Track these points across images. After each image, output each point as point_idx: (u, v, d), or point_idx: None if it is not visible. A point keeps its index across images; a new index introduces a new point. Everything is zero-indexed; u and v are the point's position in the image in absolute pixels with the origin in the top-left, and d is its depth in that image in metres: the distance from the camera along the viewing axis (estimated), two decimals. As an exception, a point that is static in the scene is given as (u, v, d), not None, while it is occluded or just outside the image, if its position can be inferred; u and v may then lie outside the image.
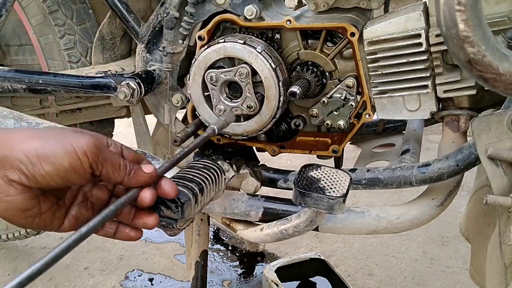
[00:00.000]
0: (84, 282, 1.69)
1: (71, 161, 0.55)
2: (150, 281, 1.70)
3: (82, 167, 0.56)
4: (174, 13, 1.02)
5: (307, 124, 1.06)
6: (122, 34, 1.22)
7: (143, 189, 0.62)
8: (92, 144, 0.56)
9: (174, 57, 1.07)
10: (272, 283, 1.41)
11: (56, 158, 0.54)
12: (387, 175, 0.96)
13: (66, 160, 0.55)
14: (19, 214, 0.56)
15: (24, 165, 0.54)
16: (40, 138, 0.56)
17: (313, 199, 0.77)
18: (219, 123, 0.82)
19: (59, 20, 1.32)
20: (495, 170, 0.78)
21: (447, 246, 1.81)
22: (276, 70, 0.93)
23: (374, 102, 0.95)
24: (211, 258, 1.80)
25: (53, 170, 0.54)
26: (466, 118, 0.94)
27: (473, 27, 0.55)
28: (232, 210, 1.06)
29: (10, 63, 1.42)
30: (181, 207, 0.70)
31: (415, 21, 0.87)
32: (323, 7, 0.98)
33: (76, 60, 1.35)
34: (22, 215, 0.56)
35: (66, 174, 0.55)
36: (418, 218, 0.98)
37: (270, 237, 1.00)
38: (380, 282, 1.64)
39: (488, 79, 0.58)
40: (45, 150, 0.54)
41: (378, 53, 0.91)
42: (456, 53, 0.59)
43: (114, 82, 1.07)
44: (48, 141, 0.55)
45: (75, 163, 0.55)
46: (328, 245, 1.84)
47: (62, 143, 0.55)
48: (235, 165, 1.05)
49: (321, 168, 0.83)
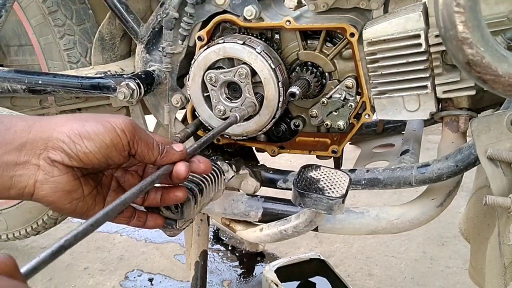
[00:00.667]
0: (84, 282, 1.70)
1: (112, 137, 0.57)
2: (150, 281, 1.70)
3: (122, 143, 0.58)
4: (173, 14, 1.02)
5: (306, 125, 1.06)
6: (122, 34, 1.22)
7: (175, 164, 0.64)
8: (129, 123, 0.59)
9: (174, 57, 1.07)
10: (272, 283, 1.41)
11: (98, 136, 0.57)
12: (387, 175, 0.96)
13: (108, 137, 0.57)
14: (65, 197, 0.58)
15: (66, 144, 0.56)
16: (79, 120, 0.58)
17: (312, 199, 0.77)
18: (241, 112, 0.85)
19: (58, 21, 1.32)
20: (494, 171, 0.78)
21: (447, 246, 1.81)
22: (275, 70, 0.93)
23: (374, 102, 0.95)
24: (211, 258, 1.80)
25: (96, 147, 0.57)
26: (466, 118, 0.94)
27: (472, 29, 0.55)
28: (231, 211, 1.06)
29: (10, 64, 1.42)
30: (181, 207, 0.70)
31: (415, 22, 0.87)
32: (322, 8, 0.98)
33: (76, 60, 1.35)
34: (68, 198, 0.58)
35: (107, 151, 0.57)
36: (418, 218, 0.98)
37: (269, 238, 1.00)
38: (380, 282, 1.64)
39: (487, 81, 0.58)
40: (86, 129, 0.57)
41: (378, 54, 0.91)
42: (455, 54, 0.59)
43: (113, 82, 1.07)
44: (88, 121, 0.58)
45: (116, 139, 0.58)
46: (328, 245, 1.84)
47: (101, 122, 0.58)
48: (235, 166, 1.05)
49: (320, 169, 0.83)
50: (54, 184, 0.57)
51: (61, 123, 0.57)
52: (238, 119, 0.82)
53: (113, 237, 1.95)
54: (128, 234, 1.97)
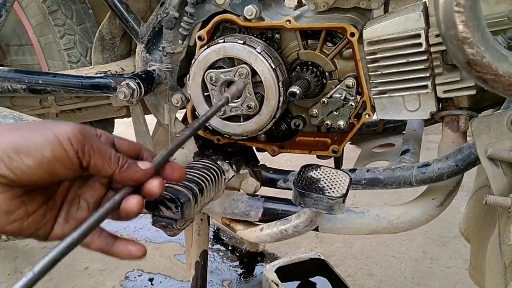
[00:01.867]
0: (84, 282, 1.69)
1: (54, 150, 0.49)
2: (150, 281, 1.70)
3: (68, 156, 0.50)
4: (173, 13, 1.02)
5: (307, 124, 1.06)
6: (122, 34, 1.22)
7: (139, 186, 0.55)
8: (77, 131, 0.51)
9: (174, 57, 1.07)
10: (272, 283, 1.41)
11: (37, 149, 0.49)
12: (387, 175, 0.96)
13: (48, 150, 0.49)
14: (4, 219, 0.51)
15: (1, 161, 0.48)
16: (20, 130, 0.50)
17: (312, 199, 0.77)
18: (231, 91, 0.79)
19: (59, 20, 1.32)
20: (494, 170, 0.78)
21: (447, 246, 1.81)
22: (276, 70, 0.93)
23: (374, 102, 0.95)
24: (211, 258, 1.80)
25: (35, 163, 0.48)
26: (466, 118, 0.94)
27: (472, 28, 0.55)
28: (232, 210, 1.06)
29: (10, 63, 1.42)
30: (181, 207, 0.70)
31: (415, 21, 0.87)
32: (323, 7, 0.98)
33: (76, 60, 1.35)
34: (7, 219, 0.51)
35: (50, 166, 0.49)
36: (418, 218, 0.98)
37: (270, 237, 1.00)
38: (380, 282, 1.64)
39: (487, 80, 0.58)
40: (24, 142, 0.49)
41: (378, 53, 0.91)
42: (455, 54, 0.59)
43: (113, 82, 1.07)
44: (28, 132, 0.50)
45: (59, 152, 0.49)
46: (328, 245, 1.84)
47: (43, 133, 0.50)
48: (235, 165, 1.05)
49: (320, 168, 0.83)
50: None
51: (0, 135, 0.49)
52: (229, 100, 0.76)
53: (113, 237, 1.95)
54: (128, 234, 1.97)
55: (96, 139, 0.53)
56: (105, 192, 0.58)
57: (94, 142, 0.52)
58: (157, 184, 0.55)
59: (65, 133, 0.50)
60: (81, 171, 0.52)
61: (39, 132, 0.50)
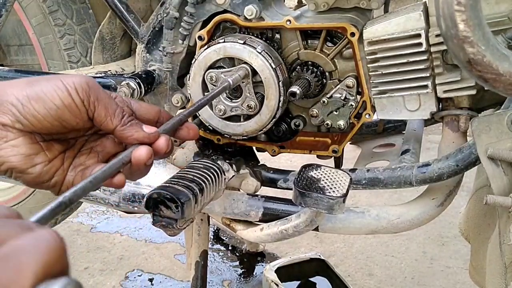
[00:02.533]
0: (84, 282, 1.69)
1: (62, 98, 0.52)
2: (150, 281, 1.70)
3: (75, 104, 0.53)
4: (174, 13, 1.02)
5: (307, 124, 1.06)
6: (122, 34, 1.22)
7: None
8: (84, 82, 0.54)
9: (174, 57, 1.07)
10: (272, 283, 1.41)
11: (46, 96, 0.52)
12: (387, 175, 0.96)
13: (57, 97, 0.52)
14: (25, 160, 0.54)
15: (15, 107, 0.52)
16: (31, 81, 0.54)
17: (313, 199, 0.77)
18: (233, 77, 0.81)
19: (59, 20, 1.32)
20: (495, 170, 0.78)
21: (447, 246, 1.81)
22: (276, 70, 0.93)
23: (374, 102, 0.95)
24: (211, 258, 1.80)
25: (44, 109, 0.52)
26: (466, 118, 0.94)
27: (473, 27, 0.55)
28: (232, 210, 1.06)
29: (10, 63, 1.42)
30: (181, 207, 0.70)
31: (415, 21, 0.87)
32: (323, 7, 0.98)
33: (76, 60, 1.35)
34: (29, 161, 0.54)
35: (59, 113, 0.52)
36: (418, 218, 0.98)
37: (270, 237, 1.00)
38: (380, 282, 1.64)
39: (488, 80, 0.58)
40: (34, 90, 0.52)
41: (378, 53, 0.91)
42: (456, 53, 0.59)
43: (114, 82, 1.07)
44: (39, 82, 0.53)
45: (67, 100, 0.52)
46: (328, 245, 1.84)
47: (52, 82, 0.53)
48: (235, 165, 1.05)
49: (321, 168, 0.83)
50: (10, 148, 0.53)
51: (12, 85, 0.53)
52: (231, 84, 0.77)
53: (113, 237, 1.95)
54: (128, 234, 1.97)
55: (102, 92, 0.55)
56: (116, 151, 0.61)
57: (99, 94, 0.55)
58: (163, 141, 0.57)
59: (73, 82, 0.53)
60: (90, 122, 0.56)
61: (49, 82, 0.53)
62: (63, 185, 0.58)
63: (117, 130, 0.56)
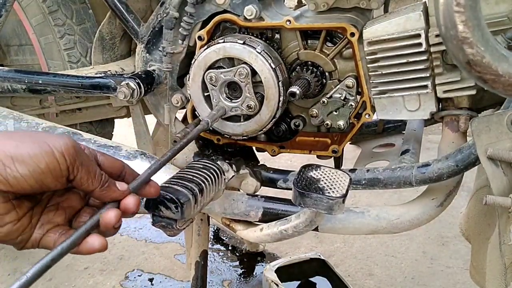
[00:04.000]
0: (84, 282, 1.69)
1: (48, 162, 0.52)
2: (150, 281, 1.70)
3: (60, 168, 0.52)
4: (173, 13, 1.02)
5: (307, 124, 1.06)
6: (122, 34, 1.22)
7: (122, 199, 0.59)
8: (71, 145, 0.53)
9: (174, 57, 1.07)
10: (272, 283, 1.41)
11: (32, 159, 0.51)
12: (387, 175, 0.96)
13: (43, 161, 0.51)
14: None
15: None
16: (14, 139, 0.52)
17: (312, 199, 0.77)
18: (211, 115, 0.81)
19: (59, 20, 1.32)
20: (494, 171, 0.78)
21: (447, 246, 1.81)
22: (275, 70, 0.93)
23: (374, 102, 0.95)
24: (211, 258, 1.80)
25: (29, 172, 0.51)
26: (466, 118, 0.94)
27: (472, 28, 0.55)
28: (232, 210, 1.06)
29: (10, 63, 1.42)
30: (181, 207, 0.70)
31: (415, 21, 0.87)
32: (323, 7, 0.98)
33: (76, 60, 1.35)
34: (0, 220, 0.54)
35: (41, 176, 0.52)
36: (418, 218, 0.98)
37: (269, 237, 1.00)
38: (380, 282, 1.64)
39: (487, 80, 0.58)
40: (20, 151, 0.51)
41: (378, 53, 0.91)
42: (455, 54, 0.59)
43: (113, 82, 1.07)
44: (23, 142, 0.52)
45: (53, 164, 0.52)
46: (328, 245, 1.84)
47: (38, 143, 0.52)
48: (235, 165, 1.05)
49: (320, 169, 0.83)
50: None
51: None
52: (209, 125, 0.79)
53: (113, 237, 1.94)
54: (128, 234, 1.97)
55: (85, 155, 0.56)
56: (82, 206, 0.61)
57: (84, 159, 0.55)
58: (132, 201, 0.59)
59: (60, 146, 0.53)
60: (67, 184, 0.55)
61: (35, 143, 0.52)
62: (28, 242, 0.58)
63: (96, 192, 0.57)
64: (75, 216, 0.60)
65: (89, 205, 0.62)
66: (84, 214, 0.60)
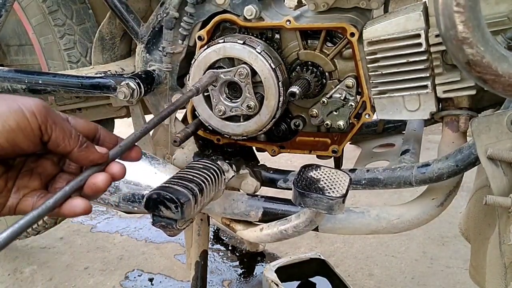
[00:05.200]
0: (84, 282, 1.70)
1: (18, 120, 0.51)
2: (150, 281, 1.70)
3: (31, 127, 0.51)
4: (173, 13, 1.02)
5: (306, 124, 1.06)
6: (122, 34, 1.22)
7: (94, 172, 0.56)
8: (41, 105, 0.52)
9: (174, 57, 1.07)
10: (272, 283, 1.41)
11: (1, 117, 0.50)
12: (387, 175, 0.96)
13: (13, 119, 0.51)
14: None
15: None
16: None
17: (312, 199, 0.77)
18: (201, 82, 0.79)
19: (59, 20, 1.32)
20: (494, 171, 0.78)
21: (447, 246, 1.81)
22: (275, 70, 0.93)
23: (374, 102, 0.95)
24: (211, 258, 1.80)
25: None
26: (466, 118, 0.94)
27: (472, 28, 0.55)
28: (232, 210, 1.06)
29: (10, 63, 1.42)
30: (181, 207, 0.70)
31: (415, 21, 0.87)
32: (322, 7, 0.98)
33: (76, 60, 1.35)
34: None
35: (12, 135, 0.51)
36: (418, 218, 0.98)
37: (269, 237, 1.00)
38: (380, 282, 1.64)
39: (487, 80, 0.58)
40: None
41: (378, 53, 0.91)
42: (455, 54, 0.59)
43: (113, 82, 1.07)
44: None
45: (23, 123, 0.51)
46: (328, 245, 1.84)
47: (8, 103, 0.51)
48: (235, 165, 1.05)
49: (320, 169, 0.83)
50: None
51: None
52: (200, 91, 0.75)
53: (113, 237, 1.95)
54: (128, 234, 1.97)
55: (59, 115, 0.55)
56: (57, 171, 0.60)
57: (56, 118, 0.54)
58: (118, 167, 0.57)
59: (30, 106, 0.52)
60: (41, 146, 0.54)
61: (4, 102, 0.52)
62: (4, 208, 0.57)
63: (73, 153, 0.55)
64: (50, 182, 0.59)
65: (64, 171, 0.60)
66: (60, 180, 0.59)
